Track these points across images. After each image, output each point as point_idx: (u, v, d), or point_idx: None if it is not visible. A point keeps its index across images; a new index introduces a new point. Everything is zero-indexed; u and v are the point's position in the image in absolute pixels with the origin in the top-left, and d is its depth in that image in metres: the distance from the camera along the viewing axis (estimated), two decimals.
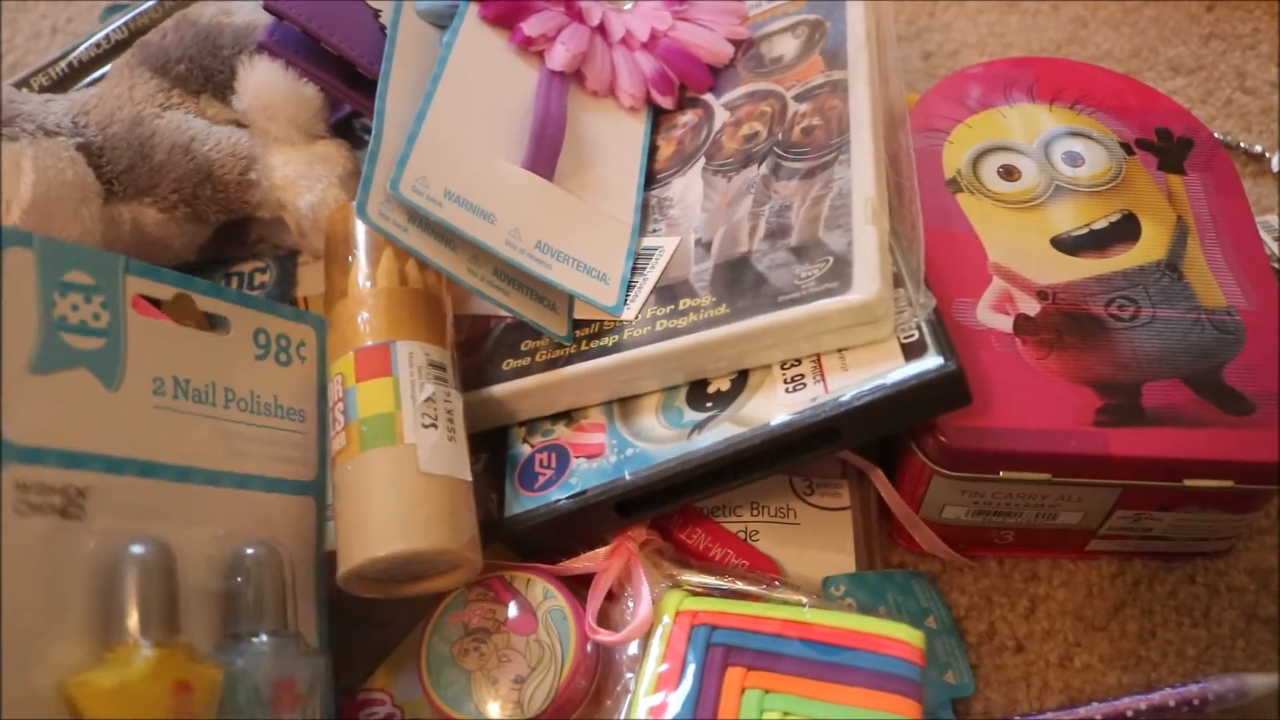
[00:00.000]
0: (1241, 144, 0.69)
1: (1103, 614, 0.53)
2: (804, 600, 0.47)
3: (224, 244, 0.60)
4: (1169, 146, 0.58)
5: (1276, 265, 0.62)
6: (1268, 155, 0.68)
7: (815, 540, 0.52)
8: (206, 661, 0.38)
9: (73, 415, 0.38)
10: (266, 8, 0.54)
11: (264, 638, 0.41)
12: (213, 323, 0.47)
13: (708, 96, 0.59)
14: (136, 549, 0.38)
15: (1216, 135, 0.69)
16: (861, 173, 0.50)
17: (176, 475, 0.41)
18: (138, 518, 0.40)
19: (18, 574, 0.35)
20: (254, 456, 0.45)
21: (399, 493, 0.44)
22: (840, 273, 0.46)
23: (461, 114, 0.51)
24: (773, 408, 0.46)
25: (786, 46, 0.59)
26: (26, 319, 0.38)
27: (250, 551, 0.42)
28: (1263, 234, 0.63)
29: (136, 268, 0.42)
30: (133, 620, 0.37)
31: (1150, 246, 0.53)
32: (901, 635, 0.46)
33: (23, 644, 0.35)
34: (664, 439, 0.48)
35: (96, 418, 0.39)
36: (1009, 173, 0.56)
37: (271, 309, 0.47)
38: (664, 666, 0.45)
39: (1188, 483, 0.48)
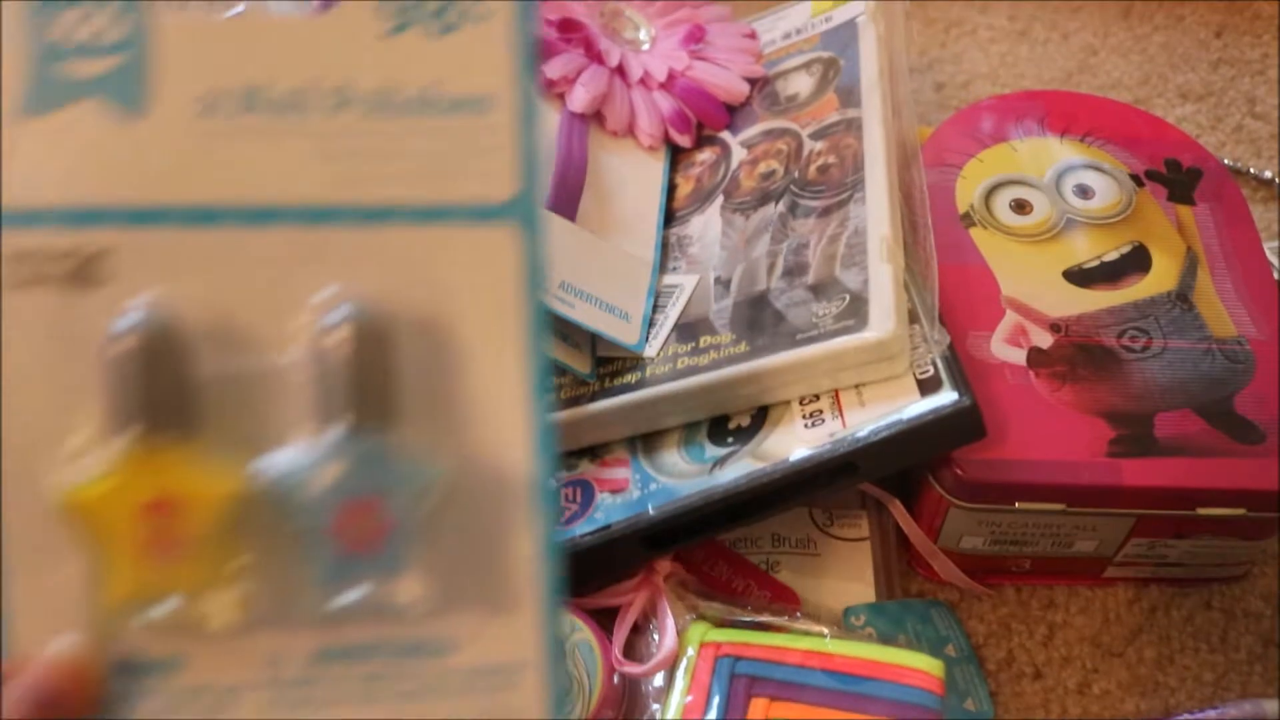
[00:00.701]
0: (1251, 169, 0.70)
1: (1120, 640, 0.54)
2: (825, 631, 0.48)
3: None
4: (1178, 177, 0.59)
5: None
6: (1277, 181, 0.69)
7: (835, 570, 0.53)
8: (211, 471, 0.29)
9: (83, 160, 0.30)
10: None
11: (333, 437, 0.30)
12: None
13: (725, 134, 0.60)
14: (120, 321, 0.30)
15: (1226, 161, 0.70)
16: (877, 211, 0.51)
17: (250, 218, 0.31)
18: (186, 280, 0.30)
19: (20, 357, 0.30)
20: (394, 177, 0.31)
21: None
22: (857, 310, 0.47)
23: None
24: (792, 443, 0.48)
25: (801, 84, 0.60)
26: (12, 51, 0.30)
27: (337, 317, 0.30)
28: (1273, 259, 0.64)
29: None
30: (103, 416, 0.29)
31: (1161, 277, 0.54)
32: (921, 665, 0.47)
33: (27, 442, 0.30)
34: (686, 474, 0.49)
35: (117, 158, 0.30)
36: (1021, 206, 0.57)
37: None
38: (689, 698, 0.46)
39: (1201, 511, 0.49)
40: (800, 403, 0.49)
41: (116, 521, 0.29)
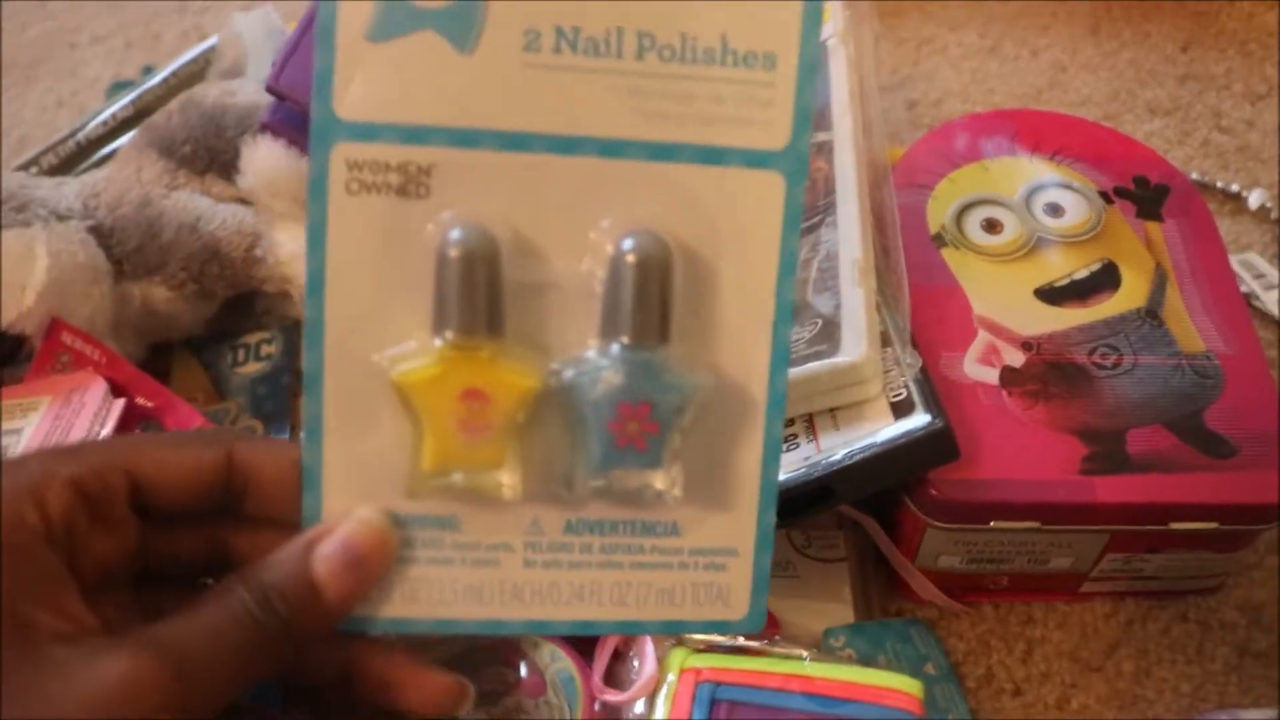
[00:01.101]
0: (1219, 183, 0.71)
1: (1098, 654, 0.54)
2: (805, 654, 0.48)
3: (230, 317, 0.62)
4: (1146, 194, 0.60)
5: (1256, 304, 0.64)
6: (1244, 194, 0.70)
7: (814, 592, 0.53)
8: (516, 369, 0.34)
9: (416, 85, 0.33)
10: (269, 89, 0.56)
11: (615, 349, 0.33)
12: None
13: None
14: (449, 235, 0.33)
15: (1193, 176, 0.71)
16: (848, 235, 0.51)
17: (553, 147, 0.34)
18: (496, 198, 0.34)
19: (347, 253, 0.33)
20: (683, 119, 0.34)
21: None
22: (829, 335, 0.48)
23: None
24: None
25: None
26: None
27: (627, 245, 0.33)
28: (1242, 272, 0.65)
29: None
30: (432, 315, 0.33)
31: (1130, 294, 0.55)
32: (900, 685, 0.47)
33: (349, 326, 0.33)
34: None
35: (446, 86, 0.33)
36: (992, 226, 0.58)
37: None
38: None
39: (1174, 526, 0.50)
40: None
41: (438, 403, 0.33)
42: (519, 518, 0.35)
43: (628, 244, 0.33)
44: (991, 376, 0.52)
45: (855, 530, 0.55)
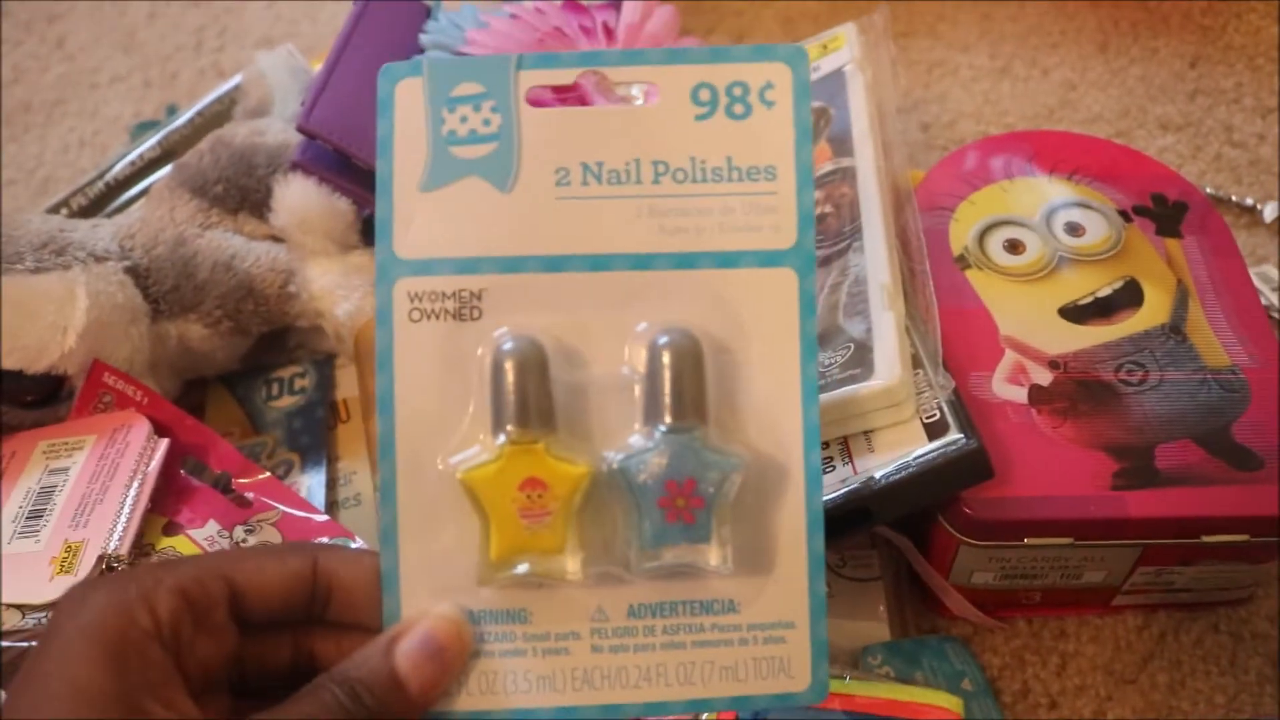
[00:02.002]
0: (1233, 197, 0.72)
1: (1132, 667, 0.55)
2: (845, 674, 0.49)
3: (264, 351, 0.63)
4: (1165, 211, 0.60)
5: (1276, 316, 0.65)
6: (1259, 207, 0.71)
7: (850, 611, 0.54)
8: (569, 459, 0.37)
9: (464, 223, 0.38)
10: (299, 129, 0.57)
11: (658, 433, 0.37)
12: None
13: None
14: (502, 345, 0.37)
15: (1208, 190, 0.72)
16: (875, 259, 0.52)
17: (589, 265, 0.38)
18: (541, 313, 0.38)
19: (412, 373, 0.37)
20: (701, 231, 0.39)
21: None
22: (862, 359, 0.49)
23: None
24: None
25: None
26: (416, 143, 0.38)
27: (661, 340, 0.37)
28: (1261, 285, 0.66)
29: (529, 60, 0.39)
30: (490, 416, 0.37)
31: (1154, 311, 0.56)
32: (940, 702, 0.48)
33: (417, 438, 0.37)
34: None
35: (490, 221, 0.38)
36: (1014, 246, 0.59)
37: (719, 55, 0.39)
38: None
39: (1205, 539, 0.50)
40: None
41: (501, 495, 0.36)
42: (584, 606, 0.37)
43: (662, 339, 0.37)
44: (1020, 395, 0.53)
45: (889, 549, 0.55)
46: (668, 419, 0.37)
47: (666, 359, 0.37)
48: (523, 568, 0.36)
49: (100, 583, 0.34)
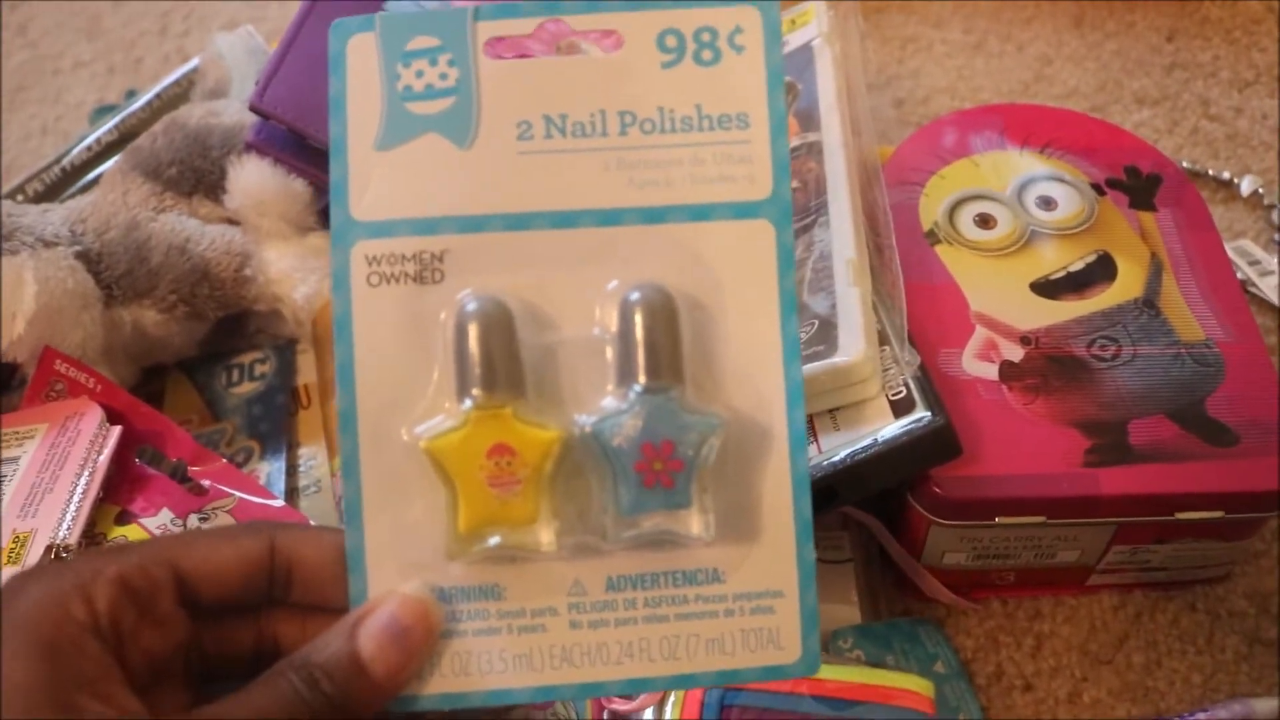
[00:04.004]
0: (1210, 171, 0.71)
1: (1108, 647, 0.54)
2: None
3: (223, 337, 0.61)
4: (1139, 184, 0.59)
5: (1252, 290, 0.64)
6: (1236, 181, 0.70)
7: (820, 594, 0.52)
8: (539, 423, 0.35)
9: (423, 182, 0.36)
10: (252, 108, 0.56)
11: (632, 394, 0.35)
12: None
13: None
14: (465, 306, 0.36)
15: (1184, 164, 0.71)
16: (841, 234, 0.51)
17: (555, 222, 0.36)
18: (506, 274, 0.36)
19: (372, 341, 0.35)
20: (671, 183, 0.37)
21: None
22: (826, 335, 0.48)
23: None
24: None
25: None
26: (371, 101, 0.36)
27: (633, 297, 0.36)
28: (1237, 259, 0.65)
29: (487, 11, 0.37)
30: (455, 381, 0.35)
31: (1127, 285, 0.55)
32: (910, 685, 0.47)
33: (379, 409, 0.35)
34: None
35: (450, 180, 0.36)
36: (985, 221, 0.58)
37: (685, 0, 0.38)
38: None
39: (1179, 516, 0.49)
40: None
41: (468, 463, 0.34)
42: (560, 579, 0.35)
43: (633, 295, 0.35)
44: (991, 372, 0.52)
45: (860, 531, 0.54)
46: (642, 379, 0.35)
47: (639, 316, 0.35)
48: (494, 540, 0.35)
49: (37, 574, 0.33)
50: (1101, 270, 0.56)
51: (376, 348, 0.35)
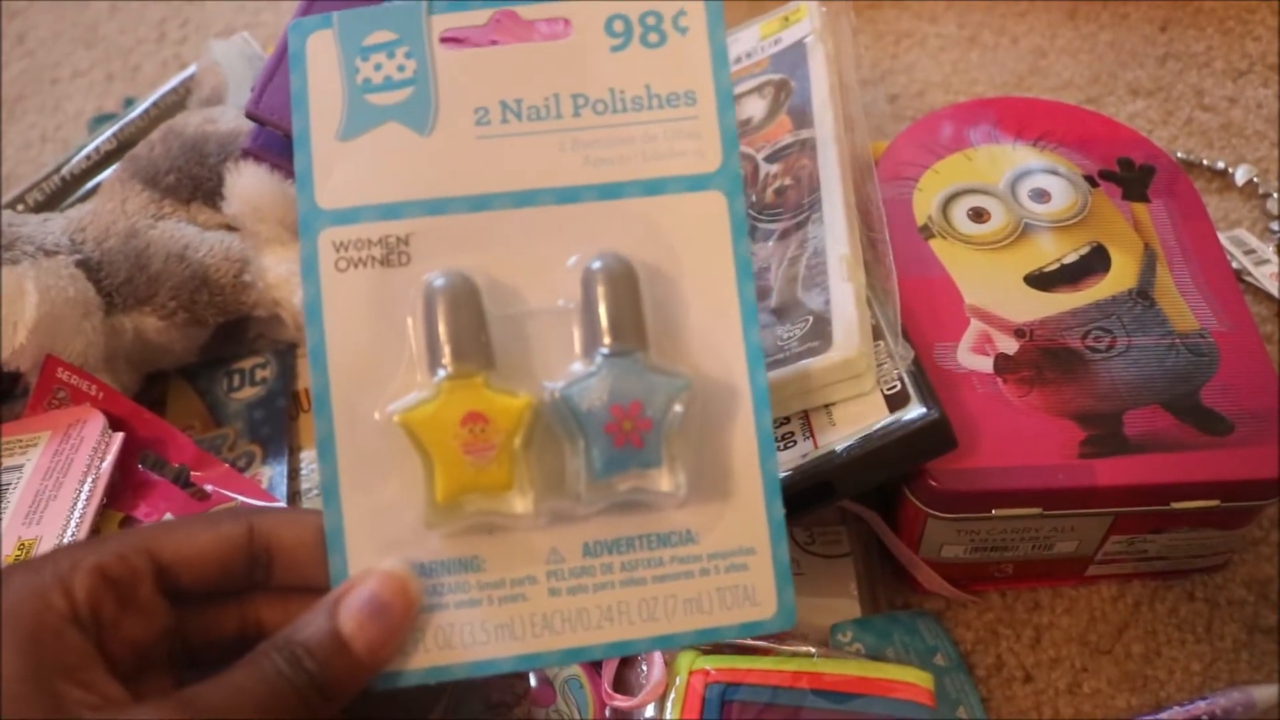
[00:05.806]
0: (1204, 161, 0.71)
1: (1107, 637, 0.54)
2: (812, 650, 0.48)
3: (223, 342, 0.62)
4: (1131, 175, 0.60)
5: (1248, 280, 0.64)
6: (1231, 171, 0.70)
7: (819, 588, 0.53)
8: (510, 390, 0.36)
9: (386, 169, 0.38)
10: (249, 114, 0.56)
11: (599, 358, 0.36)
12: None
13: None
14: (432, 282, 0.37)
15: (1179, 155, 0.71)
16: (835, 230, 0.51)
17: (514, 202, 0.38)
18: (470, 253, 0.38)
19: (342, 324, 0.37)
20: (625, 160, 0.39)
21: None
22: (821, 331, 0.48)
23: None
24: None
25: (754, 108, 0.61)
26: (331, 95, 0.38)
27: (594, 265, 0.37)
28: (1232, 248, 0.65)
29: (440, 4, 0.39)
30: (426, 356, 0.36)
31: (1121, 276, 0.55)
32: (910, 678, 0.47)
33: (352, 390, 0.36)
34: None
35: (412, 166, 0.38)
36: (978, 214, 0.58)
37: None
38: None
39: (1176, 506, 0.50)
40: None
41: (442, 432, 0.35)
42: (538, 548, 0.36)
43: (594, 264, 0.37)
44: (986, 365, 0.52)
45: (858, 525, 0.55)
46: (607, 341, 0.36)
47: (600, 283, 0.36)
48: (470, 508, 0.35)
49: (17, 568, 0.33)
50: (1095, 262, 0.56)
51: (347, 331, 0.36)
